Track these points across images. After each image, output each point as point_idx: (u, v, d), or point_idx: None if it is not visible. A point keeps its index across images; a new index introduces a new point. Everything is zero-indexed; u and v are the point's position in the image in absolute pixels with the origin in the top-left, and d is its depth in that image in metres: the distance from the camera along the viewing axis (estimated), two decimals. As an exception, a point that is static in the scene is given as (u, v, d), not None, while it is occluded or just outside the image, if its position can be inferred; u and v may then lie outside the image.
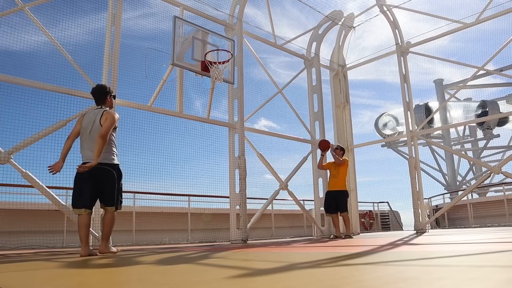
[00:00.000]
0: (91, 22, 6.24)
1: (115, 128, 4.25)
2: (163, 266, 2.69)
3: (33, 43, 5.56)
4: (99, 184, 4.12)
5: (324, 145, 8.17)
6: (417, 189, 8.93)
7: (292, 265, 2.43)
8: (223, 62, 7.12)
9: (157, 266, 2.72)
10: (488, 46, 8.88)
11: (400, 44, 9.66)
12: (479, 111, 18.50)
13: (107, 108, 4.37)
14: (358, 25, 10.70)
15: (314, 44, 10.20)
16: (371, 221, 16.16)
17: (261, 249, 4.52)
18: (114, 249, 4.51)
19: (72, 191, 4.20)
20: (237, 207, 7.49)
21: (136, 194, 9.92)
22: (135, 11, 7.20)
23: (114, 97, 4.57)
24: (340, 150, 8.03)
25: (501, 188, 15.39)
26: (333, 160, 8.02)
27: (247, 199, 7.55)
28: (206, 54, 7.02)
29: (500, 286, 1.37)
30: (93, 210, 4.27)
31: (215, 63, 6.99)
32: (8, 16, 5.44)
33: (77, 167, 4.03)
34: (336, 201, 7.75)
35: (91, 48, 6.34)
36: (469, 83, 10.57)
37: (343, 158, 7.99)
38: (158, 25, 7.20)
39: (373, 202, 17.13)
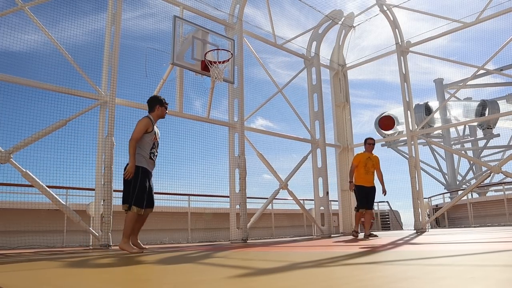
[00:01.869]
0: (90, 23, 6.24)
1: (147, 132, 4.56)
2: (165, 266, 2.69)
3: (32, 43, 5.56)
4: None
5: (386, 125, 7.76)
6: (417, 189, 8.94)
7: (293, 265, 2.43)
8: (223, 62, 7.11)
9: (158, 265, 2.71)
10: (488, 46, 8.88)
11: (400, 43, 9.66)
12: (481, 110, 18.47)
13: (145, 116, 4.72)
14: (358, 24, 10.70)
15: (314, 43, 10.20)
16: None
17: (261, 249, 4.52)
18: (130, 248, 4.41)
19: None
20: (237, 206, 7.49)
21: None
22: (134, 11, 7.20)
23: (166, 107, 4.91)
24: (373, 145, 7.63)
25: (501, 187, 15.38)
26: (363, 152, 7.51)
27: (247, 199, 7.55)
28: (206, 53, 7.02)
29: (501, 285, 1.37)
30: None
31: (215, 62, 6.99)
32: (8, 16, 5.43)
33: None
34: (371, 198, 7.49)
35: (91, 48, 6.35)
36: (469, 82, 10.57)
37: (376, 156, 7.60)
38: (158, 25, 7.20)
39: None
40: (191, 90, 7.51)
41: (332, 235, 9.04)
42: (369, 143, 7.58)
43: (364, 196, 7.42)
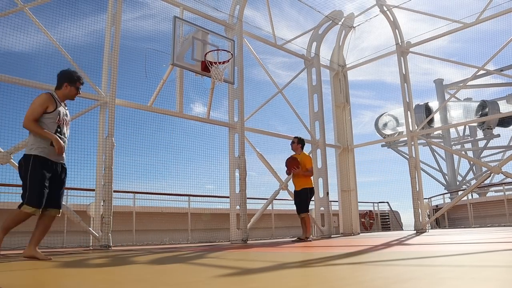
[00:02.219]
0: (90, 24, 6.25)
1: (47, 112, 3.66)
2: (161, 266, 2.69)
3: (32, 44, 5.56)
4: None
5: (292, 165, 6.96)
6: (417, 189, 8.93)
7: (292, 265, 2.43)
8: (223, 62, 7.11)
9: (155, 265, 2.71)
10: (487, 47, 8.91)
11: (400, 44, 9.66)
12: (480, 111, 18.48)
13: (46, 91, 3.85)
14: (358, 25, 10.70)
15: (314, 44, 10.20)
16: (371, 221, 16.17)
17: (261, 249, 4.52)
18: (40, 254, 3.71)
19: None
20: (237, 207, 7.49)
21: (136, 194, 9.92)
22: (134, 12, 7.21)
23: (77, 88, 3.98)
24: (297, 144, 7.15)
25: (501, 188, 15.38)
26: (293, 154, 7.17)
27: (247, 199, 7.55)
28: (206, 54, 7.02)
29: (501, 285, 1.37)
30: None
31: (215, 63, 6.99)
32: (8, 18, 5.44)
33: None
34: (301, 200, 6.98)
35: (91, 49, 6.36)
36: (469, 83, 10.57)
37: (302, 153, 7.13)
38: (158, 26, 7.21)
39: (373, 202, 17.13)
40: (191, 91, 7.52)
41: (332, 236, 9.04)
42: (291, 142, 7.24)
43: (294, 199, 7.24)
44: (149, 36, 7.35)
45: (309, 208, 7.21)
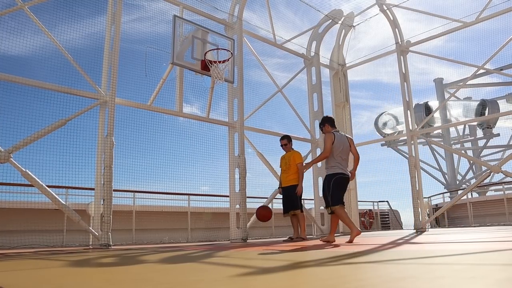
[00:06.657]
0: (90, 25, 6.26)
1: None
2: (164, 265, 2.69)
3: (33, 45, 5.56)
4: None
5: (264, 216, 6.76)
6: (417, 188, 8.94)
7: (292, 264, 2.43)
8: (223, 61, 7.11)
9: (157, 265, 2.72)
10: (484, 46, 8.90)
11: (400, 43, 9.65)
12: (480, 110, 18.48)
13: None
14: (358, 24, 10.69)
15: (314, 43, 10.20)
16: (371, 220, 16.17)
17: (261, 248, 4.52)
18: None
19: None
20: (237, 206, 7.50)
21: (136, 193, 9.91)
22: (133, 14, 7.20)
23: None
24: (289, 143, 7.02)
25: (501, 187, 15.39)
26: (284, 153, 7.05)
27: (247, 198, 7.55)
28: (206, 53, 7.02)
29: (500, 285, 1.37)
30: None
31: (215, 62, 6.99)
32: (8, 20, 5.43)
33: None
34: (288, 198, 6.81)
35: (91, 50, 6.37)
36: (469, 82, 10.57)
37: (292, 150, 7.02)
38: (158, 27, 7.21)
39: (373, 201, 17.13)
40: (191, 90, 7.51)
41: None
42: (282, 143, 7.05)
43: (282, 198, 7.01)
44: (148, 37, 7.34)
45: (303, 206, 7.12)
